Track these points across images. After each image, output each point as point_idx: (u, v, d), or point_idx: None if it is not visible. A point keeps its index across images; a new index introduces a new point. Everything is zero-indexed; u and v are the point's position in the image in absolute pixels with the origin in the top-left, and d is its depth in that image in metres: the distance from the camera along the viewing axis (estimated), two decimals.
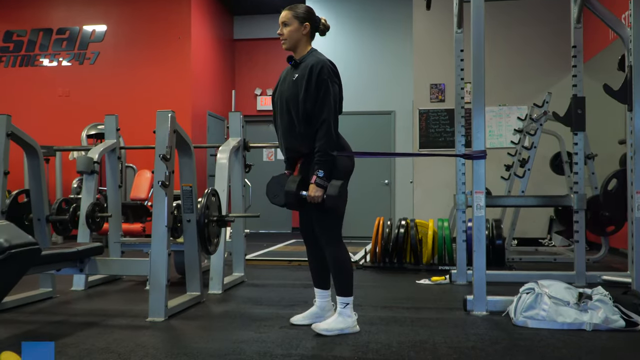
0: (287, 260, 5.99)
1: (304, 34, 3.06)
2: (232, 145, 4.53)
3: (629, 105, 3.53)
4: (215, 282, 4.19)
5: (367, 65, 9.30)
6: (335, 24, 9.39)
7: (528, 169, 5.70)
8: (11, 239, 1.02)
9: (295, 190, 2.94)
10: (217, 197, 3.93)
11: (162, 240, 3.32)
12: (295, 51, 3.09)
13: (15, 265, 1.09)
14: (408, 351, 2.68)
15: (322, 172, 2.89)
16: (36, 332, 3.08)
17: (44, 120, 8.48)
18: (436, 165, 7.64)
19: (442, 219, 5.57)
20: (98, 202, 4.51)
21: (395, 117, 9.23)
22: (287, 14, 3.05)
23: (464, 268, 4.58)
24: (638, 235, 3.48)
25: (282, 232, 9.80)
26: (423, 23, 7.96)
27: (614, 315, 3.08)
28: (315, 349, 2.72)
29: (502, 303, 3.45)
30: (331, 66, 2.99)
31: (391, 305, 3.78)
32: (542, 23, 7.70)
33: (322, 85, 2.92)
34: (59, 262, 3.23)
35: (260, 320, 3.30)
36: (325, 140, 2.89)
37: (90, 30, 8.80)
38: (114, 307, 3.76)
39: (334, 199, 2.85)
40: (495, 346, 2.77)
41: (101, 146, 4.60)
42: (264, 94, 10.21)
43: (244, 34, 10.40)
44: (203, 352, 2.65)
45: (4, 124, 3.60)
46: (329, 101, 2.91)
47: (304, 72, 2.95)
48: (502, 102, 7.67)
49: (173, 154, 3.46)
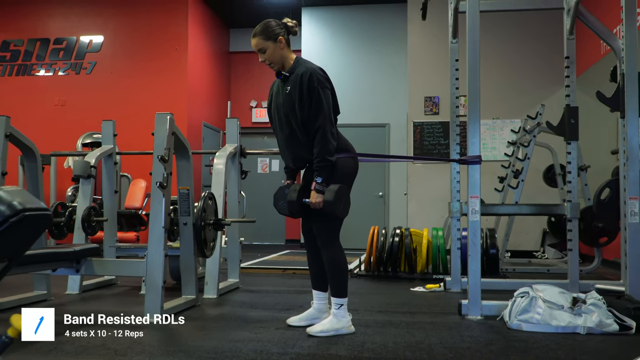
0: (282, 268, 5.99)
1: (282, 48, 3.05)
2: (229, 151, 4.55)
3: (622, 112, 3.58)
4: (211, 286, 4.19)
5: (361, 78, 9.38)
6: (330, 37, 9.53)
7: (522, 180, 5.75)
8: (25, 202, 1.04)
9: (297, 198, 3.00)
10: (213, 200, 3.95)
11: (159, 240, 3.33)
12: (284, 67, 3.10)
13: (29, 228, 1.11)
14: (404, 351, 2.69)
15: (320, 178, 2.92)
16: None
17: (39, 129, 8.46)
18: (430, 177, 7.69)
19: (437, 228, 5.60)
20: (94, 207, 4.52)
21: (390, 130, 9.30)
22: (258, 40, 3.04)
23: (458, 276, 4.60)
24: (631, 241, 3.52)
25: (276, 244, 9.79)
26: (418, 36, 8.05)
27: (607, 319, 3.10)
28: (312, 347, 2.73)
29: (497, 307, 3.47)
30: (320, 72, 3.01)
31: (386, 310, 3.79)
32: (536, 37, 7.80)
33: (312, 92, 2.94)
34: (55, 261, 3.24)
35: (256, 322, 3.31)
36: (322, 146, 2.92)
37: (87, 40, 8.84)
38: (110, 309, 3.74)
39: (330, 204, 2.88)
40: (490, 347, 2.78)
41: (98, 151, 4.62)
42: (259, 106, 10.26)
43: (239, 46, 10.47)
44: (200, 350, 2.65)
45: (3, 125, 3.61)
46: (321, 108, 2.94)
47: (294, 84, 2.98)
48: (496, 115, 7.74)
49: (171, 155, 3.48)
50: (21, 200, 1.03)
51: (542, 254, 7.56)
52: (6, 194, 1.03)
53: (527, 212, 4.52)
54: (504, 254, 6.34)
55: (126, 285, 4.82)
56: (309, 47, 9.38)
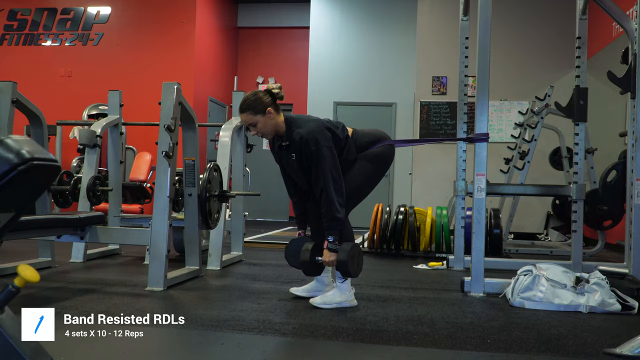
0: (285, 243, 5.96)
1: (272, 117, 2.99)
2: (235, 124, 4.54)
3: (632, 93, 3.55)
4: (214, 258, 4.21)
5: (369, 57, 9.32)
6: (339, 15, 9.45)
7: (528, 161, 5.73)
8: (34, 151, 1.03)
9: (309, 258, 3.04)
10: (219, 172, 3.94)
11: (164, 210, 3.34)
12: (278, 133, 3.06)
13: (37, 178, 1.10)
14: (406, 324, 2.70)
15: (332, 237, 2.94)
16: (35, 296, 3.09)
17: (45, 99, 8.40)
18: (435, 157, 7.68)
19: (441, 207, 5.59)
20: (99, 177, 4.52)
21: (397, 109, 9.25)
22: (247, 116, 2.97)
23: (462, 255, 4.60)
24: (637, 222, 3.51)
25: (279, 221, 9.82)
26: (427, 16, 7.98)
27: (610, 299, 3.10)
28: (314, 319, 2.74)
29: (500, 285, 3.48)
30: (314, 132, 2.93)
31: (388, 286, 3.79)
32: (544, 21, 7.74)
33: (311, 157, 2.93)
34: (60, 227, 3.24)
35: (259, 293, 3.33)
36: (327, 207, 2.91)
37: (95, 11, 8.79)
38: (113, 278, 3.77)
39: (344, 264, 2.91)
40: (492, 322, 2.79)
41: (104, 120, 4.61)
42: (266, 82, 10.21)
43: (247, 21, 10.41)
44: (203, 318, 2.67)
45: (10, 90, 3.60)
46: (322, 170, 2.91)
47: (297, 149, 2.98)
48: (504, 97, 7.69)
49: (177, 125, 3.47)
50: (30, 149, 1.02)
51: (545, 236, 7.56)
52: (14, 142, 1.02)
53: (533, 192, 4.51)
54: (508, 235, 6.34)
55: (130, 255, 4.84)
56: (317, 26, 9.30)
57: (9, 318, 1.26)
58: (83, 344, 2.22)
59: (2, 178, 1.00)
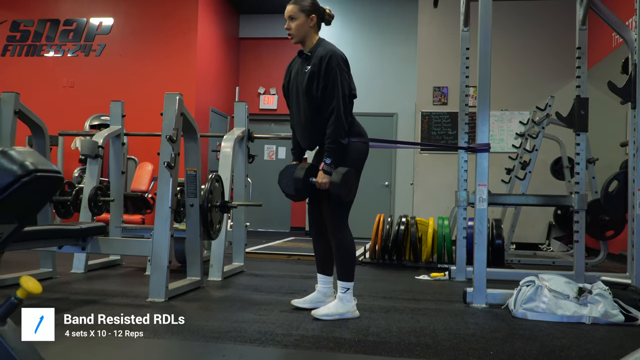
0: (287, 254, 6.00)
1: (311, 26, 3.06)
2: (237, 134, 4.54)
3: (633, 103, 3.55)
4: (215, 269, 4.20)
5: (370, 67, 9.34)
6: (340, 25, 9.47)
7: (529, 171, 5.73)
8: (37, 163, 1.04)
9: (304, 176, 2.98)
10: (220, 182, 3.94)
11: (165, 221, 3.34)
12: (304, 44, 3.09)
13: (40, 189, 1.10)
14: (408, 336, 2.69)
15: (330, 159, 2.91)
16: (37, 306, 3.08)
17: (47, 110, 8.41)
18: (437, 167, 7.68)
19: (443, 217, 5.58)
20: (100, 187, 4.52)
21: (398, 119, 9.27)
22: (293, 8, 3.04)
23: (464, 265, 4.59)
24: (639, 232, 3.50)
25: (281, 232, 9.80)
26: (428, 26, 8.01)
27: (613, 310, 3.09)
28: (316, 330, 2.73)
29: (502, 296, 3.47)
30: (340, 55, 3.01)
31: (391, 296, 3.79)
32: (545, 31, 7.77)
33: (330, 74, 2.94)
34: (61, 237, 3.24)
35: (261, 305, 3.32)
36: (334, 127, 2.91)
37: (97, 22, 8.82)
38: (114, 288, 3.76)
39: (336, 185, 2.87)
40: (494, 334, 2.78)
41: (106, 131, 4.62)
42: (267, 93, 10.23)
43: (249, 32, 10.43)
44: (204, 329, 2.66)
45: (12, 101, 3.61)
46: (337, 89, 2.93)
47: (315, 64, 2.97)
48: (505, 107, 7.70)
49: (179, 136, 3.47)
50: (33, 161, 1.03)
51: (547, 246, 7.54)
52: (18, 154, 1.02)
53: (534, 202, 4.50)
54: (510, 245, 6.33)
55: (131, 266, 4.84)
56: None
57: (10, 330, 1.25)
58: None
59: (5, 190, 1.01)
